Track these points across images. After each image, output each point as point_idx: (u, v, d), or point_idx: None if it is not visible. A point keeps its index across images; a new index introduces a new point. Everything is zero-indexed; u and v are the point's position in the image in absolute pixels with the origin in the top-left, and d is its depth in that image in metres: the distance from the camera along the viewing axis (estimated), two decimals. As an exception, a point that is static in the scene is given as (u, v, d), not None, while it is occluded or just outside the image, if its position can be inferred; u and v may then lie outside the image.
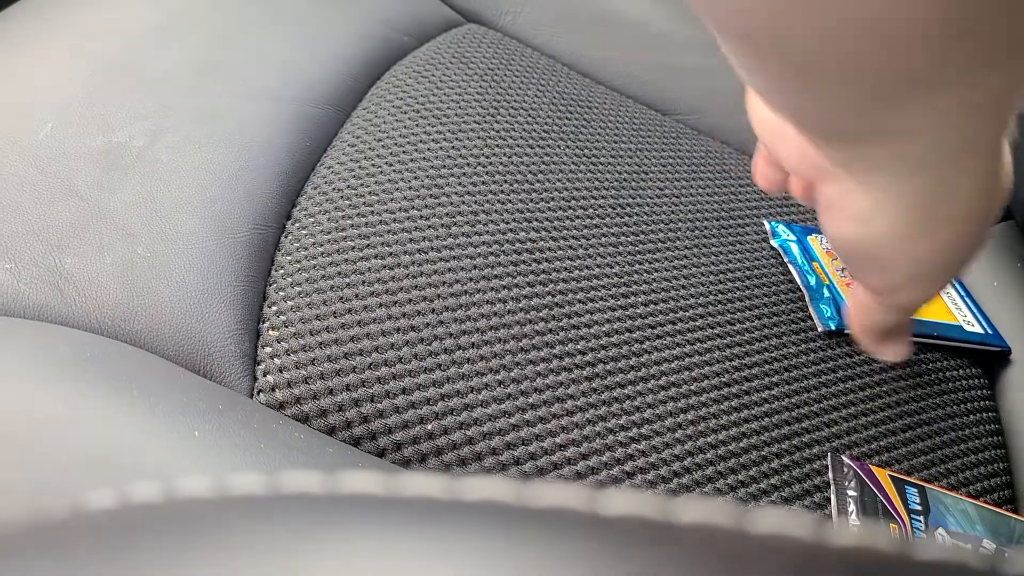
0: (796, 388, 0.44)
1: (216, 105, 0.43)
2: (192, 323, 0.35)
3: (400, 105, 0.49)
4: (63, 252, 0.35)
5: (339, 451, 0.34)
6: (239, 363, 0.35)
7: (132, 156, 0.39)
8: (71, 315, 0.34)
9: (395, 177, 0.44)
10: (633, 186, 0.51)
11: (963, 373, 0.49)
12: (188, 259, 0.37)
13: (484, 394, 0.37)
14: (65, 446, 0.27)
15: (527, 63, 0.57)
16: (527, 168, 0.48)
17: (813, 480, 0.40)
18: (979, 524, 0.39)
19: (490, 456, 0.36)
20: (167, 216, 0.38)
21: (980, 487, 0.43)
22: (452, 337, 0.38)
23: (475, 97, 0.51)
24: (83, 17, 0.46)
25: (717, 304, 0.46)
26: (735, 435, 0.40)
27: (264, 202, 0.41)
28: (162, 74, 0.43)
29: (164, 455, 0.28)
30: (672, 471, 0.38)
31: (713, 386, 0.42)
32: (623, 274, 0.45)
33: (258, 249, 0.39)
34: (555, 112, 0.53)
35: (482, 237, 0.43)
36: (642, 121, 0.57)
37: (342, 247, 0.40)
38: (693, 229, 0.50)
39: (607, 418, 0.39)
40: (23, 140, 0.38)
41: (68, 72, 0.42)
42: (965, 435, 0.45)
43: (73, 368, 0.31)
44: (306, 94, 0.47)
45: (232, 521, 0.12)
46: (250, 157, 0.42)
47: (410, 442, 0.35)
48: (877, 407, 0.45)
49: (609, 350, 0.41)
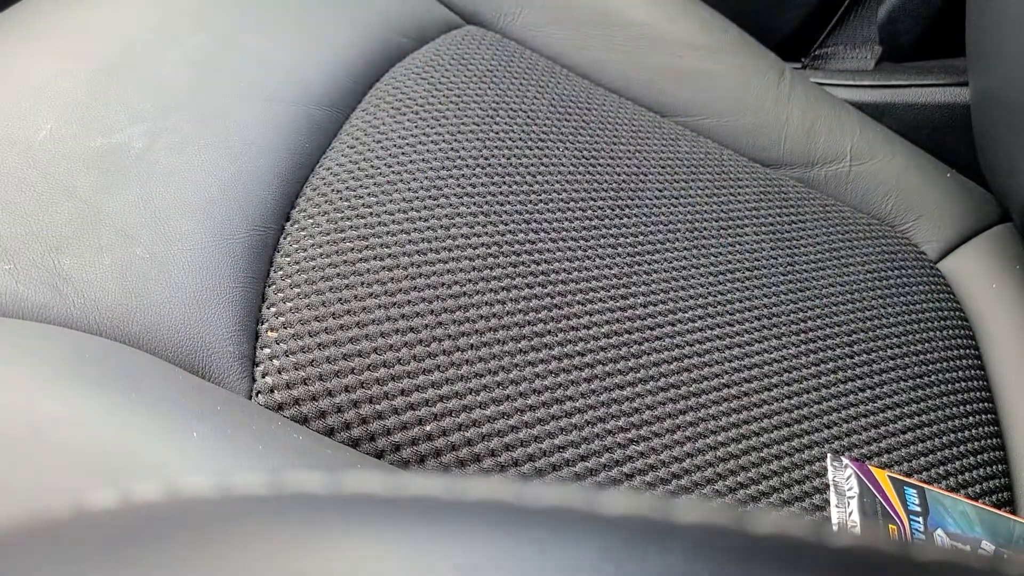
0: (796, 389, 0.44)
1: (215, 107, 0.43)
2: (191, 324, 0.35)
3: (399, 107, 0.49)
4: (62, 253, 0.35)
5: (338, 452, 0.34)
6: (238, 364, 0.35)
7: (131, 158, 0.39)
8: (70, 316, 0.34)
9: (394, 178, 0.44)
10: (632, 187, 0.51)
11: (963, 375, 0.49)
12: (187, 260, 0.37)
13: (483, 395, 0.37)
14: (64, 447, 0.27)
15: (526, 64, 0.57)
16: (526, 169, 0.48)
17: (813, 481, 0.40)
18: (978, 525, 0.39)
19: (489, 458, 0.36)
20: (166, 217, 0.38)
21: (979, 488, 0.43)
22: (451, 338, 0.38)
23: (474, 98, 0.51)
24: (83, 19, 0.45)
25: (716, 305, 0.46)
26: (734, 436, 0.40)
27: (263, 203, 0.41)
28: (161, 76, 0.43)
29: (163, 456, 0.28)
30: (671, 472, 0.38)
31: (712, 387, 0.42)
32: (622, 275, 0.45)
33: (257, 250, 0.39)
34: (554, 113, 0.54)
35: (481, 238, 0.43)
36: (641, 123, 0.57)
37: (341, 248, 0.40)
38: (692, 230, 0.50)
39: (606, 419, 0.39)
40: (22, 141, 0.38)
41: (67, 73, 0.42)
42: (964, 436, 0.46)
43: (72, 369, 0.30)
44: (305, 96, 0.47)
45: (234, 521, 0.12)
46: (249, 159, 0.42)
47: (409, 443, 0.35)
48: (877, 407, 0.45)
49: (608, 351, 0.41)
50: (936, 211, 0.61)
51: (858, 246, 0.55)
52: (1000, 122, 0.54)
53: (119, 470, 0.27)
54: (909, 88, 0.64)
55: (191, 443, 0.29)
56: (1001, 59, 0.52)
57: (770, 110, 0.60)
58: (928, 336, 0.51)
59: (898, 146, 0.62)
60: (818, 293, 0.50)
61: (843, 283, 0.52)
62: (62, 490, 0.26)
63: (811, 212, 0.56)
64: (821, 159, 0.60)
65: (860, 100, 0.65)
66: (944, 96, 0.64)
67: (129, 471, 0.27)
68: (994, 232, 0.61)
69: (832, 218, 0.56)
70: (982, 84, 0.57)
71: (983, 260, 0.59)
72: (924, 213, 0.60)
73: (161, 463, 0.28)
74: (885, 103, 0.65)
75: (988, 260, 0.59)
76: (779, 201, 0.56)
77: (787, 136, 0.60)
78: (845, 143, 0.61)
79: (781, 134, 0.60)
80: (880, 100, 0.65)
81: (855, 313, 0.50)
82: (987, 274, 0.57)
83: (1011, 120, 0.52)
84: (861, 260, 0.54)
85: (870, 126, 0.62)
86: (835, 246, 0.54)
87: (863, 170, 0.60)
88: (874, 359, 0.47)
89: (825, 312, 0.49)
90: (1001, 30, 0.52)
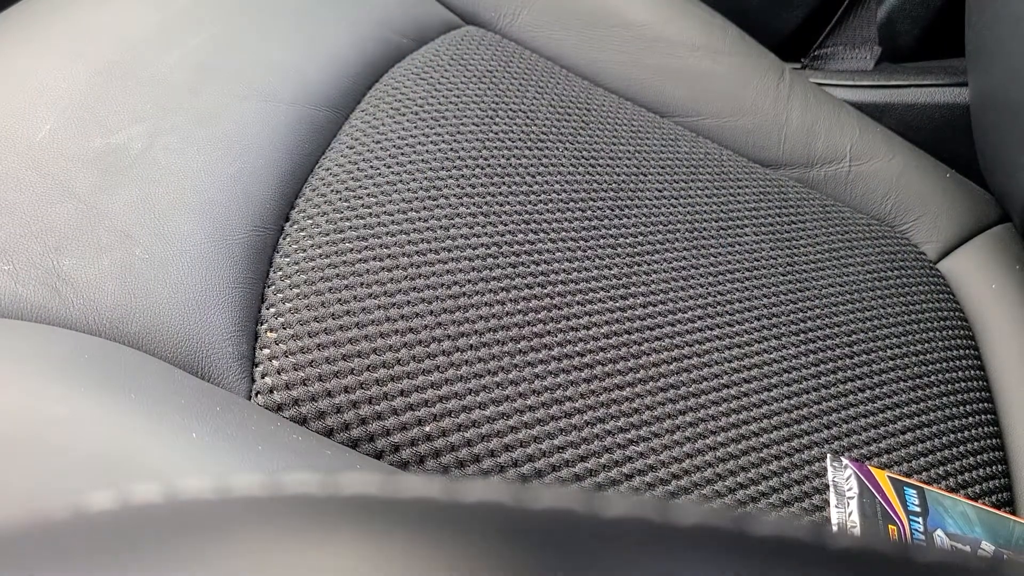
0: (795, 389, 0.44)
1: (214, 107, 0.43)
2: (190, 325, 0.35)
3: (398, 107, 0.49)
4: (61, 254, 0.35)
5: (337, 453, 0.33)
6: (237, 365, 0.35)
7: (130, 158, 0.39)
8: (69, 317, 0.34)
9: (393, 179, 0.44)
10: (631, 188, 0.51)
11: (963, 375, 0.49)
12: (186, 261, 0.37)
13: (482, 396, 0.37)
14: (63, 448, 0.27)
15: (525, 65, 0.57)
16: (525, 170, 0.48)
17: (812, 482, 0.40)
18: (978, 526, 0.39)
19: (488, 458, 0.36)
20: (165, 218, 0.38)
21: (979, 489, 0.43)
22: (450, 339, 0.38)
23: (473, 99, 0.51)
24: (82, 19, 0.45)
25: (716, 305, 0.46)
26: (734, 437, 0.40)
27: (262, 204, 0.41)
28: (160, 76, 0.43)
29: (162, 457, 0.28)
30: (671, 473, 0.38)
31: (712, 387, 0.42)
32: (621, 275, 0.45)
33: (256, 251, 0.39)
34: (553, 114, 0.54)
35: (480, 239, 0.43)
36: (640, 123, 0.57)
37: (340, 249, 0.40)
38: (691, 230, 0.50)
39: (605, 420, 0.39)
40: (21, 141, 0.38)
41: (67, 74, 0.42)
42: (964, 437, 0.46)
43: (71, 370, 0.30)
44: (304, 96, 0.47)
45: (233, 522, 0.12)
46: (248, 159, 0.42)
47: (408, 444, 0.35)
48: (877, 408, 0.45)
49: (607, 351, 0.41)
50: (936, 211, 0.61)
51: (858, 246, 0.55)
52: (1000, 122, 0.54)
53: (118, 471, 0.27)
54: (909, 88, 0.64)
55: (190, 444, 0.29)
56: (1001, 59, 0.52)
57: (770, 110, 0.60)
58: (928, 336, 0.51)
59: (897, 146, 0.62)
60: (818, 293, 0.50)
61: (843, 283, 0.52)
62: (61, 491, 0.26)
63: (811, 212, 0.56)
64: (821, 159, 0.60)
65: (860, 100, 0.65)
66: (943, 96, 0.64)
67: (128, 472, 0.27)
68: (994, 232, 0.61)
69: (832, 218, 0.56)
70: (982, 84, 0.57)
71: (983, 260, 0.59)
72: (924, 213, 0.60)
73: (160, 464, 0.28)
74: (885, 103, 0.65)
75: (988, 260, 0.59)
76: (779, 201, 0.56)
77: (787, 136, 0.60)
78: (845, 143, 0.61)
79: (781, 134, 0.60)
80: (880, 100, 0.65)
81: (855, 313, 0.50)
82: (987, 274, 0.58)
83: (1011, 120, 0.52)
84: (861, 260, 0.54)
85: (869, 126, 0.62)
86: (835, 246, 0.54)
87: (863, 170, 0.60)
88: (874, 359, 0.47)
89: (825, 312, 0.49)
90: (1001, 30, 0.52)
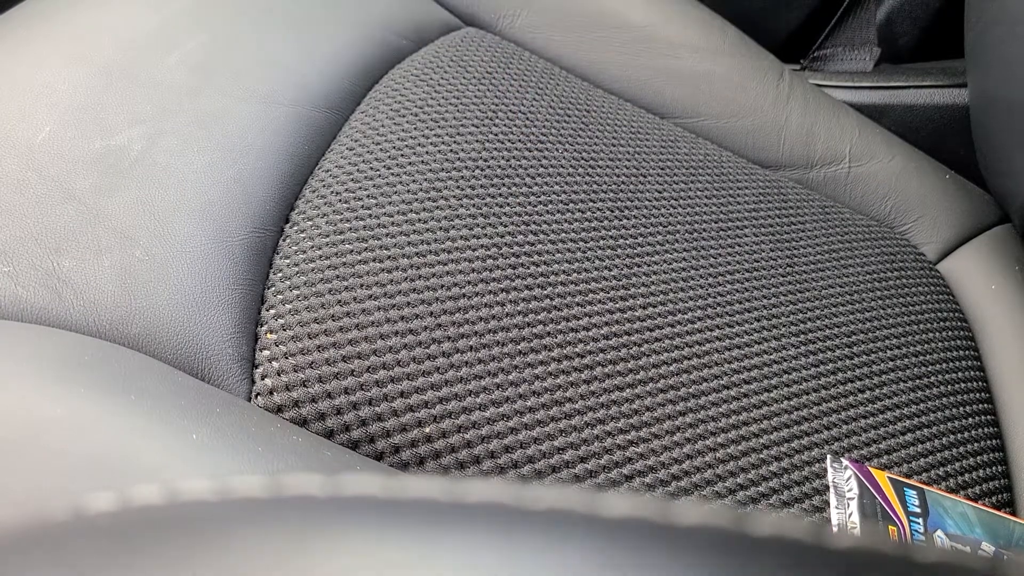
0: (795, 390, 0.44)
1: (214, 109, 0.43)
2: (190, 326, 0.35)
3: (398, 108, 0.49)
4: (61, 255, 0.35)
5: (337, 454, 0.33)
6: (237, 367, 0.35)
7: (130, 160, 0.39)
8: (69, 318, 0.34)
9: (393, 180, 0.44)
10: (631, 189, 0.51)
11: (963, 376, 0.49)
12: (186, 263, 0.37)
13: (482, 397, 0.37)
14: (63, 449, 0.27)
15: (525, 66, 0.57)
16: (525, 171, 0.48)
17: (812, 482, 0.40)
18: (978, 527, 0.39)
19: (488, 459, 0.36)
20: (165, 219, 0.38)
21: (979, 489, 0.43)
22: (450, 340, 0.38)
23: (473, 100, 0.51)
24: (82, 21, 0.45)
25: (715, 307, 0.46)
26: (734, 438, 0.40)
27: (262, 206, 0.41)
28: (160, 78, 0.43)
29: (162, 458, 0.28)
30: (671, 473, 0.38)
31: (712, 388, 0.42)
32: (621, 277, 0.45)
33: (256, 253, 0.39)
34: (553, 115, 0.54)
35: (480, 240, 0.43)
36: (640, 124, 0.57)
37: (340, 250, 0.40)
38: (691, 231, 0.50)
39: (605, 421, 0.39)
40: (21, 143, 0.38)
41: (66, 76, 0.42)
42: (964, 437, 0.46)
43: (71, 371, 0.30)
44: (304, 98, 0.47)
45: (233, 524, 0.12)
46: (248, 161, 0.42)
47: (408, 445, 0.35)
48: (877, 408, 0.45)
49: (607, 353, 0.41)
50: (935, 212, 0.61)
51: (857, 247, 0.55)
52: (999, 123, 0.54)
53: (118, 472, 0.27)
54: (908, 89, 0.64)
55: (190, 445, 0.29)
56: (1000, 61, 0.52)
57: (769, 111, 0.61)
58: (927, 337, 0.51)
59: (897, 147, 0.62)
60: (818, 294, 0.50)
61: (842, 284, 0.52)
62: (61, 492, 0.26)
63: (810, 213, 0.56)
64: (820, 160, 0.60)
65: (859, 101, 0.65)
66: (943, 97, 0.64)
67: (128, 473, 0.27)
68: (993, 233, 0.61)
69: (831, 219, 0.56)
70: (981, 85, 0.57)
71: (982, 261, 0.59)
72: (923, 214, 0.60)
73: (160, 465, 0.28)
74: (884, 104, 0.65)
75: (987, 261, 0.59)
76: (778, 202, 0.56)
77: (786, 137, 0.60)
78: (844, 144, 0.61)
79: (780, 135, 0.60)
80: (879, 101, 0.65)
81: (855, 314, 0.50)
82: (986, 275, 0.58)
83: (1010, 121, 0.52)
84: (860, 261, 0.54)
85: (869, 127, 0.62)
86: (834, 247, 0.54)
87: (862, 171, 0.60)
88: (874, 360, 0.47)
89: (824, 313, 0.49)
90: (1000, 32, 0.52)
